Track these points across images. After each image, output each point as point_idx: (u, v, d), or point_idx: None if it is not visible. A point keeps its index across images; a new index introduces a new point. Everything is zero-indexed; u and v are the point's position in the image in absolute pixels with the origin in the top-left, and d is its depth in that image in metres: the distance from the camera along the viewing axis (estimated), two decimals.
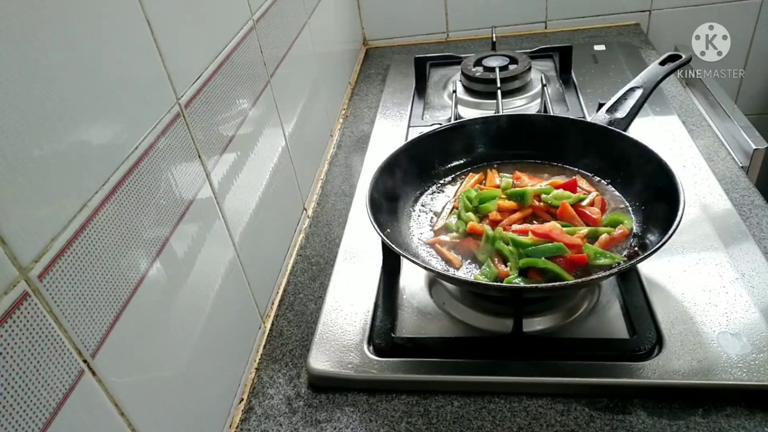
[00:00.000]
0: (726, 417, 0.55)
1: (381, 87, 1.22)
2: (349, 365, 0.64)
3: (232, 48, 0.66)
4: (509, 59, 1.09)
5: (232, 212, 0.64)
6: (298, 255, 0.84)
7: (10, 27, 0.35)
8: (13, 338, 0.34)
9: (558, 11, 1.33)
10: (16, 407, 0.34)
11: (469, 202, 0.74)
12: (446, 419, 0.59)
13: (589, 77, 1.10)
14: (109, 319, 0.43)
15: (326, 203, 0.94)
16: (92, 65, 0.42)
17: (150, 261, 0.48)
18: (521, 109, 1.03)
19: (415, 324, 0.67)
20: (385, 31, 1.41)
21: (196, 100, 0.57)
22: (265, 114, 0.76)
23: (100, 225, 0.42)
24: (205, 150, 0.59)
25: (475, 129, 0.85)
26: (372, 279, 0.74)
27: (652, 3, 1.30)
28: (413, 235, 0.75)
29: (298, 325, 0.73)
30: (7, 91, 0.35)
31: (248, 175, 0.69)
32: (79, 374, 0.39)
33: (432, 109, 1.10)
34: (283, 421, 0.61)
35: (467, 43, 1.37)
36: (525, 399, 0.60)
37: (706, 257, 0.70)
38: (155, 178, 0.49)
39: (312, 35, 0.98)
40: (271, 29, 0.78)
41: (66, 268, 0.38)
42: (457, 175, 0.84)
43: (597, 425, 0.56)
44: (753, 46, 1.32)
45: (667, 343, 0.60)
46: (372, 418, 0.60)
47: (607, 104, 0.86)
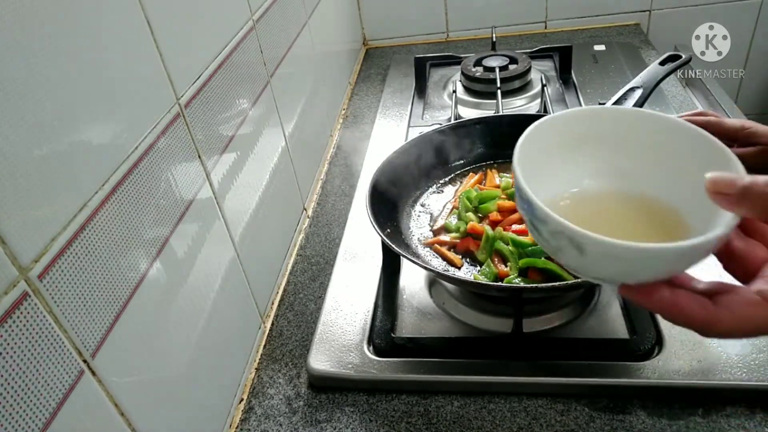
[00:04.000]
0: (726, 417, 0.55)
1: (381, 87, 1.22)
2: (349, 365, 0.64)
3: (232, 48, 0.66)
4: (509, 59, 1.09)
5: (232, 212, 0.64)
6: (298, 255, 0.84)
7: (9, 27, 0.35)
8: (13, 338, 0.34)
9: (558, 11, 1.33)
10: (16, 407, 0.34)
11: (469, 202, 0.74)
12: (446, 419, 0.59)
13: (589, 77, 1.10)
14: (109, 319, 0.43)
15: (326, 203, 0.94)
16: (92, 65, 0.42)
17: (150, 261, 0.48)
18: (521, 109, 1.03)
19: (415, 324, 0.68)
20: (385, 31, 1.41)
21: (196, 100, 0.57)
22: (265, 114, 0.76)
23: (100, 225, 0.42)
24: (205, 150, 0.59)
25: (475, 129, 0.84)
26: (372, 279, 0.74)
27: (652, 3, 1.30)
28: (413, 235, 0.75)
29: (298, 325, 0.73)
30: (6, 91, 0.35)
31: (248, 175, 0.69)
32: (79, 374, 0.39)
33: (432, 109, 1.10)
34: (283, 421, 0.61)
35: (467, 43, 1.37)
36: (525, 399, 0.60)
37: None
38: (155, 178, 0.50)
39: (312, 35, 0.98)
40: (271, 29, 0.78)
41: (66, 268, 0.38)
42: (456, 175, 0.84)
43: (597, 425, 0.56)
44: (753, 46, 1.32)
45: (666, 343, 0.60)
46: (372, 418, 0.60)
47: (607, 104, 0.86)
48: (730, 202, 0.34)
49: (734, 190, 0.34)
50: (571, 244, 0.34)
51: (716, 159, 0.38)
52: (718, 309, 0.35)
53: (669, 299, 0.35)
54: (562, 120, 0.43)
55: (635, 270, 0.34)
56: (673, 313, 0.35)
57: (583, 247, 0.34)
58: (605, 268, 0.35)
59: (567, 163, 0.43)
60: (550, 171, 0.42)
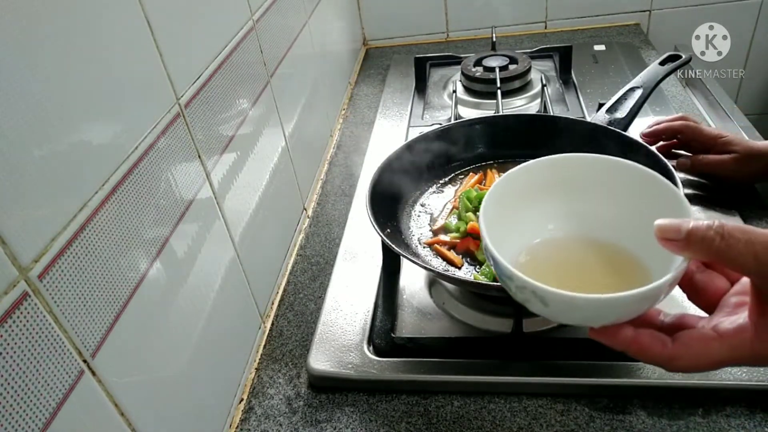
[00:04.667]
0: (726, 417, 0.55)
1: (381, 87, 1.22)
2: (349, 365, 0.64)
3: (232, 48, 0.66)
4: (509, 59, 1.09)
5: (232, 212, 0.64)
6: (298, 255, 0.84)
7: (9, 27, 0.35)
8: (13, 338, 0.34)
9: (558, 11, 1.33)
10: (16, 407, 0.34)
11: (469, 202, 0.74)
12: (446, 419, 0.59)
13: (589, 77, 1.10)
14: (109, 319, 0.43)
15: (326, 203, 0.94)
16: (92, 65, 0.42)
17: (150, 261, 0.48)
18: (521, 109, 1.03)
19: (415, 324, 0.67)
20: (385, 31, 1.41)
21: (196, 100, 0.57)
22: (265, 114, 0.76)
23: (100, 225, 0.42)
24: (205, 150, 0.59)
25: (475, 129, 0.85)
26: (372, 279, 0.74)
27: (652, 3, 1.30)
28: (413, 235, 0.75)
29: (298, 325, 0.73)
30: (6, 91, 0.35)
31: (248, 175, 0.69)
32: (79, 374, 0.39)
33: (432, 109, 1.10)
34: (283, 421, 0.61)
35: (467, 43, 1.37)
36: (525, 399, 0.60)
37: None
38: (155, 178, 0.50)
39: (312, 35, 0.98)
40: (271, 29, 0.78)
41: (66, 268, 0.38)
42: (457, 175, 0.84)
43: (597, 425, 0.56)
44: (753, 46, 1.32)
45: None
46: (372, 418, 0.60)
47: (607, 104, 0.87)
48: (678, 247, 0.37)
49: (680, 236, 0.36)
50: (536, 297, 0.38)
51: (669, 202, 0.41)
52: (676, 346, 0.37)
53: (632, 339, 0.38)
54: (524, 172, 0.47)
55: (596, 317, 0.38)
56: (637, 352, 0.38)
57: (546, 300, 0.38)
58: (569, 316, 0.39)
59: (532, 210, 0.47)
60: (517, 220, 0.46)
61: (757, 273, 0.36)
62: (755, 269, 0.36)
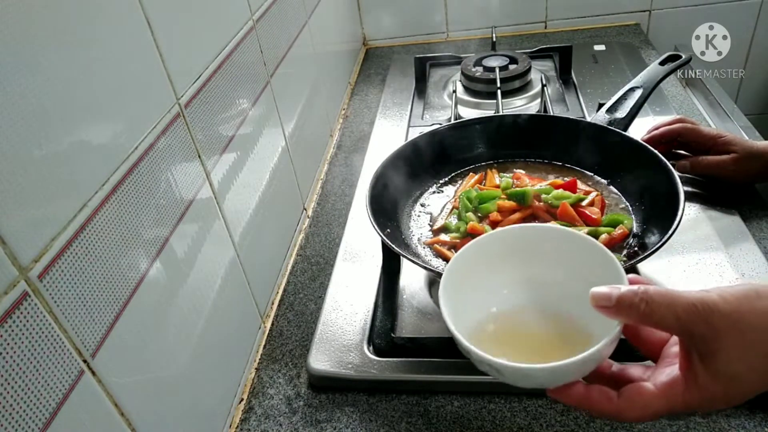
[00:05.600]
0: (726, 417, 0.55)
1: (381, 87, 1.22)
2: (349, 365, 0.64)
3: (232, 48, 0.66)
4: (509, 59, 1.09)
5: (232, 212, 0.64)
6: (298, 255, 0.84)
7: (9, 27, 0.35)
8: (13, 338, 0.34)
9: (558, 11, 1.33)
10: (16, 407, 0.34)
11: (469, 202, 0.74)
12: (446, 419, 0.59)
13: (589, 77, 1.10)
14: (109, 319, 0.43)
15: (326, 203, 0.94)
16: (92, 65, 0.42)
17: (150, 261, 0.48)
18: (521, 109, 1.03)
19: (415, 324, 0.67)
20: (385, 31, 1.41)
21: (196, 100, 0.57)
22: (265, 114, 0.76)
23: (100, 225, 0.42)
24: (205, 150, 0.59)
25: (475, 129, 0.84)
26: (372, 279, 0.74)
27: (652, 3, 1.30)
28: (413, 235, 0.75)
29: (298, 325, 0.73)
30: (6, 91, 0.35)
31: (248, 175, 0.69)
32: (79, 374, 0.39)
33: (432, 109, 1.10)
34: (283, 421, 0.61)
35: (467, 43, 1.37)
36: (525, 399, 0.60)
37: (706, 257, 0.70)
38: (155, 178, 0.50)
39: (312, 35, 0.98)
40: (271, 29, 0.78)
41: (66, 268, 0.38)
42: (456, 174, 0.84)
43: (597, 425, 0.56)
44: (753, 46, 1.32)
45: None
46: (372, 418, 0.60)
47: (607, 104, 0.86)
48: (610, 312, 0.41)
49: (611, 303, 0.40)
50: (492, 369, 0.43)
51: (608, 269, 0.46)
52: (621, 401, 0.41)
53: (583, 396, 0.42)
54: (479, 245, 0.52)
55: (546, 381, 0.43)
56: (588, 408, 0.42)
57: (501, 371, 0.42)
58: (524, 383, 0.44)
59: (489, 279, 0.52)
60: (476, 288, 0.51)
61: (680, 332, 0.40)
62: (678, 329, 0.40)
